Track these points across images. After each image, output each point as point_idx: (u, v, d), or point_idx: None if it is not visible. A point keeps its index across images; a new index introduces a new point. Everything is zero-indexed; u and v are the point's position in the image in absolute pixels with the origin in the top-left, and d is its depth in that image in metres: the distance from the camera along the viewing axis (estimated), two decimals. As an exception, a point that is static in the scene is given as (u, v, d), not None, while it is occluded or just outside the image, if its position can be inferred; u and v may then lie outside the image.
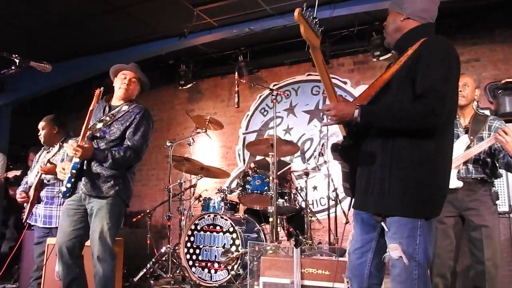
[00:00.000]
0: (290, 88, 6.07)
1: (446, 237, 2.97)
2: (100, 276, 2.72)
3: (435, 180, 1.72)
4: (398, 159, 1.71)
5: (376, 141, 1.78)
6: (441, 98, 1.65)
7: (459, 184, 2.93)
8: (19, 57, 2.40)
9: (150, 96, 7.00)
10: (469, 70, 5.06)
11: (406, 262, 1.66)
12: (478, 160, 2.96)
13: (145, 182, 6.82)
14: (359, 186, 1.83)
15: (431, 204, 1.73)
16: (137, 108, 2.96)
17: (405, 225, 1.68)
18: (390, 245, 1.71)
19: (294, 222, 4.64)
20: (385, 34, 1.99)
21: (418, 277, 1.67)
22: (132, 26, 5.26)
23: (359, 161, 1.83)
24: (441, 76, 1.68)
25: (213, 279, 3.98)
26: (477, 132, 2.97)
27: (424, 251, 1.68)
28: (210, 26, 5.26)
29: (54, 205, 3.62)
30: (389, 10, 1.96)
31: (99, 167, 2.80)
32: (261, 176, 4.37)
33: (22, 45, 5.47)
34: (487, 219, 2.87)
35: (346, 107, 1.71)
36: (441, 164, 1.75)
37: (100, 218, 2.76)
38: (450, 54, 1.75)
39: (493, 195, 2.95)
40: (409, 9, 1.87)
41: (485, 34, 5.04)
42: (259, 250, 3.42)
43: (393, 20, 1.91)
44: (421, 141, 1.70)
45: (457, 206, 2.97)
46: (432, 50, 1.73)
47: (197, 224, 4.21)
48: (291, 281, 2.87)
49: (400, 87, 1.75)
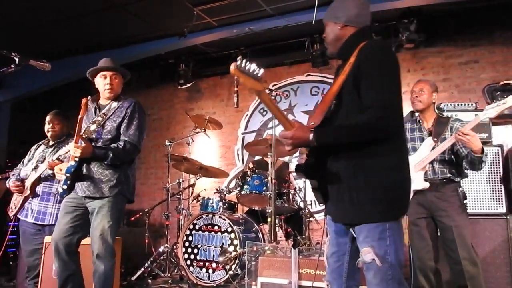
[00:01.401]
0: (290, 89, 6.07)
1: (422, 239, 3.06)
2: (99, 274, 2.73)
3: (398, 182, 1.78)
4: (361, 168, 1.76)
5: (338, 154, 1.82)
6: (386, 105, 1.72)
7: (426, 185, 3.03)
8: (18, 56, 2.40)
9: (150, 95, 7.01)
10: (468, 71, 5.07)
11: (379, 264, 1.70)
12: (444, 160, 3.07)
13: (143, 181, 6.82)
14: (330, 198, 1.87)
15: (398, 205, 1.79)
16: (126, 102, 2.97)
17: (375, 229, 1.73)
18: (362, 249, 1.75)
19: (292, 222, 4.64)
20: (326, 45, 2.05)
21: (392, 278, 1.72)
22: (132, 24, 5.26)
23: (326, 175, 1.87)
24: (382, 82, 1.75)
25: (211, 279, 3.99)
26: (440, 134, 3.08)
27: (395, 251, 1.74)
28: (210, 26, 5.26)
29: (50, 202, 3.55)
30: (325, 22, 2.01)
31: (99, 169, 2.81)
32: (259, 176, 4.37)
33: (22, 42, 5.46)
34: (456, 218, 2.96)
35: (301, 133, 1.75)
36: (400, 165, 1.81)
37: (101, 216, 2.77)
38: (388, 57, 1.82)
39: (460, 195, 3.03)
40: (344, 17, 1.93)
41: (484, 35, 5.04)
42: (257, 250, 3.42)
43: (331, 30, 1.97)
44: (379, 147, 1.75)
45: (427, 207, 3.06)
46: (370, 56, 1.79)
47: (195, 223, 4.22)
48: (288, 282, 2.88)
49: (350, 98, 1.81)
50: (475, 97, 4.80)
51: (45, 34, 5.45)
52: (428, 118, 3.19)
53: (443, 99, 4.82)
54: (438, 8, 4.77)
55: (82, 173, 2.81)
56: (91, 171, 2.81)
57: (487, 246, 3.47)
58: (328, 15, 2.00)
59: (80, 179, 2.82)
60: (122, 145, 2.81)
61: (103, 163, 2.82)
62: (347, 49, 1.90)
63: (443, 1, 4.49)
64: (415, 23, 4.86)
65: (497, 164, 3.64)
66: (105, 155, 2.76)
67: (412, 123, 3.29)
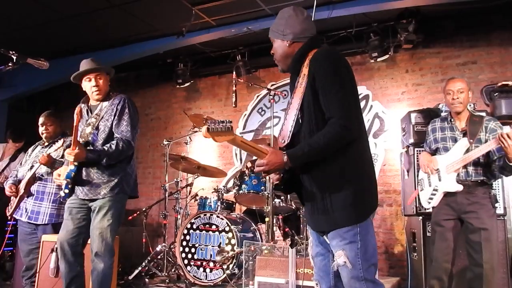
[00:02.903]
0: (288, 88, 6.06)
1: (444, 240, 3.00)
2: (98, 272, 2.73)
3: (363, 184, 1.85)
4: (329, 177, 1.83)
5: (308, 167, 1.87)
6: (346, 112, 1.79)
7: (459, 187, 2.96)
8: (16, 54, 2.40)
9: (148, 94, 7.01)
10: (466, 72, 5.07)
11: (349, 266, 1.78)
12: (478, 162, 2.99)
13: (141, 180, 6.80)
14: (305, 209, 1.96)
15: (365, 207, 1.84)
16: (116, 99, 2.96)
17: (346, 233, 1.80)
18: (336, 253, 1.83)
19: (290, 222, 4.63)
20: (276, 62, 2.08)
21: (364, 278, 1.78)
22: (131, 23, 5.25)
23: (301, 189, 1.94)
24: (337, 91, 1.80)
25: (208, 278, 3.98)
26: (475, 134, 2.99)
27: (366, 253, 1.80)
28: (208, 25, 5.25)
29: (44, 201, 3.55)
30: (272, 39, 2.04)
31: (99, 171, 2.82)
32: (257, 176, 4.37)
33: (19, 41, 5.45)
34: (486, 222, 2.90)
35: (275, 158, 1.81)
36: (365, 167, 1.88)
37: (101, 215, 2.77)
38: (339, 65, 1.87)
39: (492, 198, 2.98)
40: (291, 34, 1.97)
41: (482, 36, 5.05)
42: (255, 250, 3.42)
43: (279, 46, 2.00)
44: (343, 154, 1.82)
45: (456, 209, 2.99)
46: (322, 67, 1.85)
47: (193, 223, 4.22)
48: (286, 281, 2.89)
49: (311, 111, 1.87)
50: (473, 98, 4.75)
51: (42, 33, 5.45)
52: (461, 117, 3.09)
53: (441, 99, 4.82)
54: (436, 8, 4.78)
55: (81, 177, 2.82)
56: (90, 175, 2.82)
57: (485, 247, 3.48)
58: (274, 32, 2.03)
59: (80, 183, 2.83)
60: (115, 144, 2.80)
61: (101, 166, 2.83)
62: (297, 63, 1.96)
63: (441, 2, 4.50)
64: (413, 23, 4.86)
65: (495, 165, 3.64)
66: (99, 158, 2.77)
67: (442, 121, 3.19)
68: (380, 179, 5.21)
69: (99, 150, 2.79)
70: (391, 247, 5.14)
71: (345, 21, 5.10)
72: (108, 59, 5.70)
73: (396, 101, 5.39)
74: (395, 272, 4.99)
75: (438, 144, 3.14)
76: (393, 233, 5.16)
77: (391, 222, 5.18)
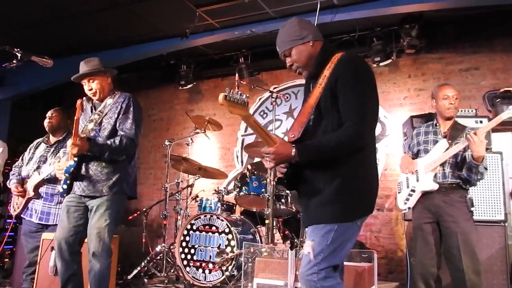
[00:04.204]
0: (290, 92, 6.08)
1: (426, 244, 3.03)
2: (95, 272, 2.72)
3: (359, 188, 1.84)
4: (329, 176, 1.82)
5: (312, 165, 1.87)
6: (363, 120, 1.80)
7: (435, 186, 3.02)
8: (20, 51, 2.41)
9: (150, 95, 7.02)
10: (468, 78, 5.08)
11: (311, 258, 1.78)
12: (455, 165, 3.05)
13: (142, 181, 6.82)
14: (303, 204, 1.96)
15: (353, 209, 1.83)
16: (121, 97, 2.95)
17: (321, 229, 1.81)
18: (305, 243, 1.85)
19: (290, 225, 4.63)
20: (300, 69, 2.02)
21: (317, 272, 1.76)
22: (134, 24, 5.27)
23: (301, 186, 1.94)
24: (359, 98, 1.81)
25: (207, 280, 3.98)
26: (455, 138, 3.06)
27: (333, 252, 1.78)
28: (212, 27, 5.27)
29: (53, 202, 3.55)
30: (290, 49, 1.98)
31: (98, 167, 2.80)
32: (258, 178, 4.37)
33: (22, 41, 5.47)
34: (462, 225, 2.92)
35: (283, 149, 1.79)
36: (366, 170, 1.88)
37: (99, 215, 2.76)
38: (364, 72, 1.87)
39: (468, 202, 3.01)
40: (310, 34, 1.98)
41: (485, 43, 5.06)
42: (254, 252, 3.42)
43: (303, 51, 1.97)
44: (347, 158, 1.82)
45: (433, 211, 3.03)
46: (346, 71, 1.85)
47: (193, 224, 4.22)
48: (285, 283, 2.88)
49: (328, 111, 1.86)
50: (475, 104, 4.81)
51: (46, 32, 5.47)
52: (446, 124, 3.16)
53: (443, 105, 4.83)
54: (439, 14, 4.79)
55: (81, 173, 2.81)
56: (90, 171, 2.80)
57: (485, 253, 3.46)
58: (290, 41, 1.98)
59: (79, 178, 2.81)
60: (119, 139, 2.78)
61: (101, 163, 2.81)
62: (321, 62, 1.94)
63: (444, 7, 4.51)
64: (416, 28, 4.87)
65: (496, 171, 3.64)
66: (101, 151, 2.74)
67: (428, 126, 3.26)
68: (381, 184, 5.19)
69: (102, 143, 2.77)
70: (391, 252, 5.13)
71: (348, 25, 5.12)
72: (111, 60, 5.71)
73: (398, 106, 5.39)
74: (394, 277, 4.98)
75: (420, 146, 3.20)
76: (394, 238, 5.15)
77: (391, 227, 5.17)
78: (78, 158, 2.78)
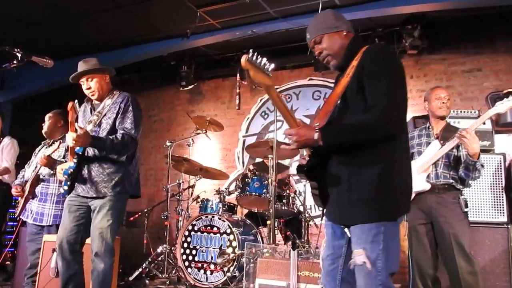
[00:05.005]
0: (292, 92, 6.06)
1: (421, 246, 3.05)
2: (98, 272, 2.71)
3: (397, 184, 1.77)
4: (361, 170, 1.76)
5: (339, 156, 1.82)
6: (390, 104, 1.71)
7: (427, 186, 3.02)
8: (21, 52, 2.40)
9: (151, 96, 7.01)
10: (471, 79, 5.07)
11: (369, 268, 1.68)
12: (448, 166, 3.06)
13: (143, 182, 6.74)
14: (329, 199, 1.87)
15: (394, 206, 1.76)
16: (120, 97, 2.93)
17: (368, 231, 1.71)
18: (355, 251, 1.74)
19: (292, 226, 4.62)
20: (329, 58, 1.97)
21: (382, 283, 1.68)
22: (135, 25, 5.26)
23: (326, 177, 1.87)
24: (387, 83, 1.74)
25: (209, 281, 3.96)
26: (447, 139, 3.07)
27: (388, 257, 1.70)
28: (213, 28, 5.26)
29: (48, 202, 3.56)
30: (323, 36, 1.95)
31: (100, 168, 2.80)
32: (260, 179, 4.35)
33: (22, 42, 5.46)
34: (455, 226, 2.93)
35: (307, 132, 1.74)
36: (400, 168, 1.80)
37: (102, 215, 2.75)
38: (392, 59, 1.83)
39: (461, 203, 3.01)
40: (345, 25, 1.97)
41: (488, 44, 5.04)
42: (256, 252, 3.40)
43: (335, 40, 1.94)
44: (380, 149, 1.75)
45: (426, 213, 3.04)
46: (374, 57, 1.81)
47: (194, 224, 4.20)
48: (287, 284, 2.86)
49: (354, 99, 1.81)
50: (477, 105, 4.79)
51: (46, 33, 5.46)
52: (439, 125, 3.20)
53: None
54: (441, 14, 4.77)
55: (82, 174, 2.80)
56: (91, 172, 2.80)
57: (487, 255, 3.45)
58: (323, 28, 1.96)
59: (81, 180, 2.80)
60: (121, 136, 2.76)
61: (103, 164, 2.80)
62: (350, 54, 1.90)
63: (447, 8, 4.50)
64: (419, 29, 4.86)
65: (499, 173, 3.61)
66: (103, 144, 2.71)
67: (421, 130, 3.30)
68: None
69: (103, 137, 2.75)
70: (393, 253, 5.10)
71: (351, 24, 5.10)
72: (111, 60, 5.71)
73: (400, 107, 5.37)
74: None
75: (414, 149, 3.21)
76: (395, 239, 5.12)
77: (393, 228, 5.14)
78: (78, 160, 2.77)
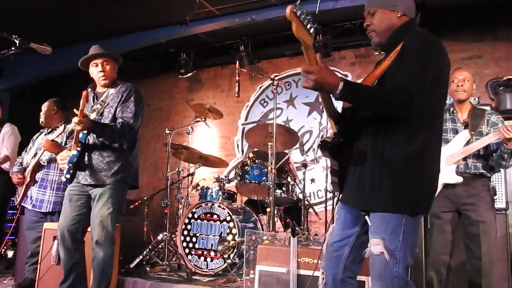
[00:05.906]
0: (291, 80, 6.04)
1: (442, 232, 3.00)
2: (98, 260, 2.74)
3: (424, 177, 1.73)
4: (388, 156, 1.71)
5: (367, 138, 1.78)
6: (416, 87, 1.64)
7: (459, 179, 2.94)
8: (19, 38, 2.38)
9: (150, 85, 6.98)
10: (471, 66, 5.04)
11: (387, 258, 1.64)
12: (477, 155, 2.98)
13: (142, 170, 6.75)
14: (350, 182, 1.83)
15: (418, 202, 1.72)
16: (123, 87, 2.96)
17: (389, 221, 1.68)
18: (372, 240, 1.70)
19: (291, 213, 4.64)
20: (373, 34, 1.93)
21: (398, 275, 1.65)
22: (133, 12, 5.22)
23: (350, 158, 1.82)
24: (417, 66, 1.69)
25: (209, 268, 3.99)
26: (477, 126, 2.99)
27: (406, 249, 1.67)
28: (212, 15, 5.22)
29: (48, 189, 3.57)
30: (376, 9, 1.90)
31: (100, 157, 2.81)
32: (259, 166, 4.35)
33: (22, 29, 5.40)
34: (484, 214, 2.89)
35: (330, 76, 1.61)
36: (429, 161, 1.75)
37: (102, 203, 2.77)
38: (431, 46, 1.76)
39: (491, 191, 2.97)
40: (403, 6, 1.89)
41: (488, 31, 5.02)
42: (256, 239, 3.42)
43: (386, 18, 1.88)
44: (410, 137, 1.70)
45: (454, 201, 2.98)
46: (412, 43, 1.75)
47: (194, 212, 4.21)
48: (287, 270, 2.88)
49: (390, 82, 1.75)
50: (478, 92, 4.73)
51: (45, 22, 5.40)
52: (464, 110, 3.08)
53: (445, 93, 4.81)
54: (442, 2, 4.74)
55: (83, 162, 2.82)
56: (92, 160, 2.82)
57: (485, 241, 3.48)
58: (380, 2, 1.90)
59: (82, 168, 2.82)
60: (120, 123, 2.80)
61: (103, 152, 2.83)
62: (397, 37, 1.83)
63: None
64: (419, 16, 4.81)
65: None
66: (103, 130, 2.75)
67: (444, 112, 3.14)
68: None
69: (104, 124, 2.79)
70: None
71: (350, 12, 5.05)
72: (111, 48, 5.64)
73: (400, 94, 5.36)
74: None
75: None
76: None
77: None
78: (81, 148, 2.78)
